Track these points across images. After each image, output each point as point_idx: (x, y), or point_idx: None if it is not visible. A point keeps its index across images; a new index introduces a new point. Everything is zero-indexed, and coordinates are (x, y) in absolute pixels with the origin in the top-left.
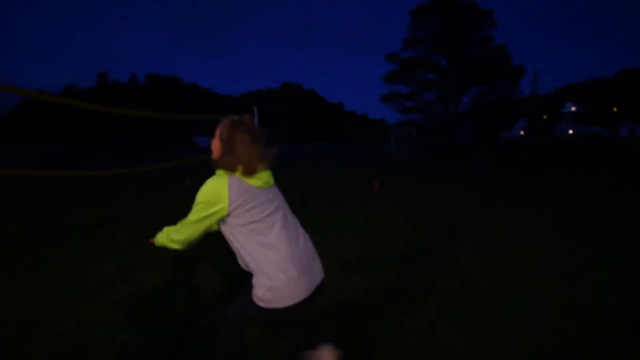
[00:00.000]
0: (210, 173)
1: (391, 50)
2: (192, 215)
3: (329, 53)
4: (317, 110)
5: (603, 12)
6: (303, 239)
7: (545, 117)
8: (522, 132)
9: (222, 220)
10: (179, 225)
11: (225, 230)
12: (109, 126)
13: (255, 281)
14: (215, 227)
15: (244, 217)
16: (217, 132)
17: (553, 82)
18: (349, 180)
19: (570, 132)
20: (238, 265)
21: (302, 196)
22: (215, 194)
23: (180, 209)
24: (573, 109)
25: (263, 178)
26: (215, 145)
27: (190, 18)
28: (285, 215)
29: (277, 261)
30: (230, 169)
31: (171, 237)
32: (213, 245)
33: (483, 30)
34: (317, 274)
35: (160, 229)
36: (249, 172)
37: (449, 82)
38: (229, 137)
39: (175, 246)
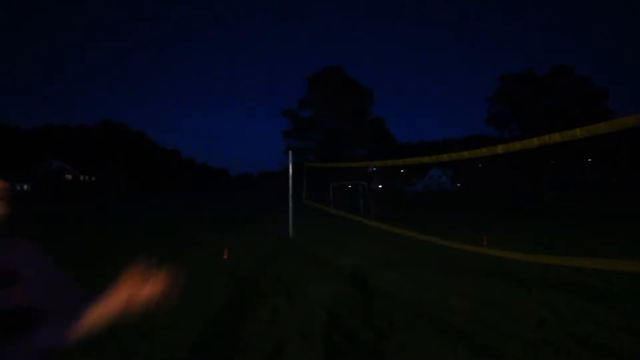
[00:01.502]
0: None
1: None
2: None
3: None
4: (149, 156)
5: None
6: None
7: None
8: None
9: None
10: None
11: None
12: None
13: None
14: None
15: None
16: None
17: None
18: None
19: (380, 186)
20: None
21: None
22: None
23: None
24: (374, 169)
25: None
26: None
27: None
28: None
29: None
30: None
31: None
32: None
33: (364, 104)
34: None
35: None
36: None
37: (336, 141)
38: None
39: None
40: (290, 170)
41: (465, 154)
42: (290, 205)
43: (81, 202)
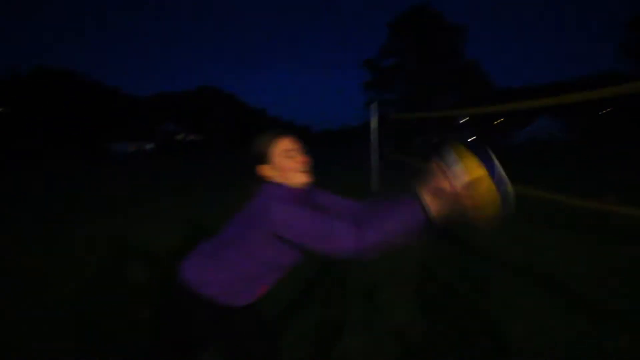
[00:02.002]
0: None
1: (314, 59)
2: None
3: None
4: (239, 115)
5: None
6: None
7: None
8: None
9: None
10: None
11: None
12: None
13: None
14: None
15: None
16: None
17: None
18: None
19: (473, 138)
20: None
21: None
22: None
23: None
24: (467, 119)
25: None
26: None
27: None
28: None
29: None
30: None
31: None
32: None
33: (455, 44)
34: None
35: None
36: None
37: (422, 90)
38: None
39: None
40: (375, 123)
41: (596, 94)
42: (373, 158)
43: (196, 157)
